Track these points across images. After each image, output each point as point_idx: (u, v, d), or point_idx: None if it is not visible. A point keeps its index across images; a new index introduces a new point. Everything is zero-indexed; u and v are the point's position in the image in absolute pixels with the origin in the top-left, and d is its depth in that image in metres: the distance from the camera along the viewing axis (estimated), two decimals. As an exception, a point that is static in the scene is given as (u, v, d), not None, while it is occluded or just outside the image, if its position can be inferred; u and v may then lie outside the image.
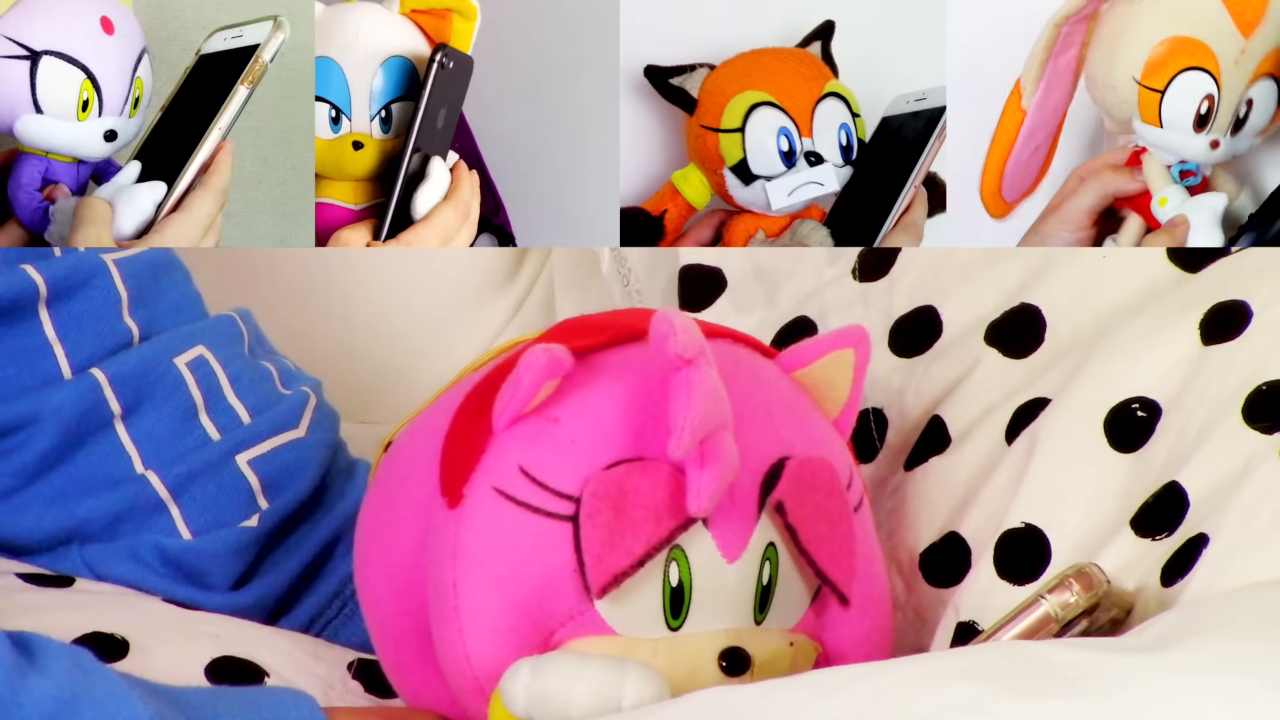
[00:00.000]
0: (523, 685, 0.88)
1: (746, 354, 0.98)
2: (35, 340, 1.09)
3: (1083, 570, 0.92)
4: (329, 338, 1.37)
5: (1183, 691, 0.75)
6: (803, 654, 0.95)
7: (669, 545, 0.91)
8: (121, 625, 1.01)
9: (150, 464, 1.10)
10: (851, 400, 1.01)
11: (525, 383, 0.91)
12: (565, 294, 1.36)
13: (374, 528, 0.97)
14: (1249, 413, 0.94)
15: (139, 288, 1.12)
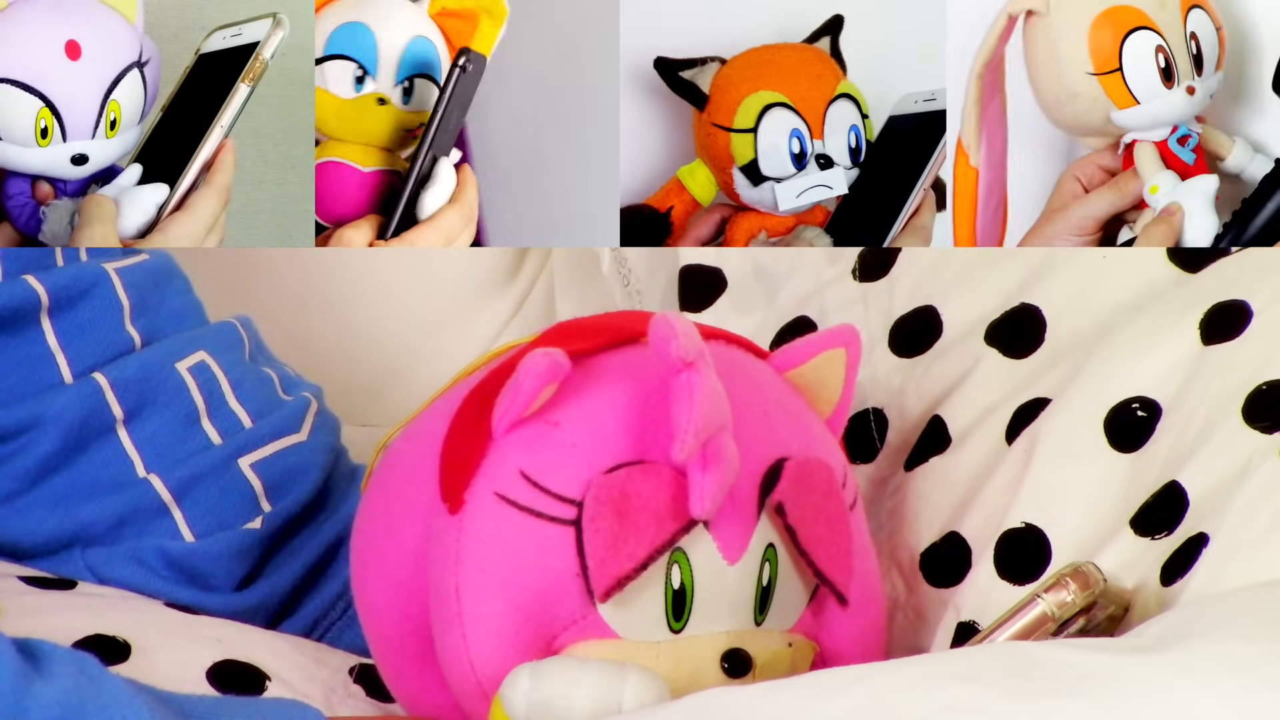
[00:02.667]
0: (523, 691, 0.88)
1: (740, 355, 0.99)
2: (37, 349, 1.09)
3: (1079, 569, 0.92)
4: (328, 340, 1.37)
5: (1183, 692, 0.75)
6: (801, 654, 0.95)
7: (671, 548, 0.91)
8: (123, 628, 1.01)
9: (152, 468, 1.10)
10: (844, 399, 1.01)
11: (525, 387, 0.91)
12: (565, 294, 1.36)
13: (371, 534, 0.97)
14: (1249, 413, 0.94)
15: (141, 297, 1.12)
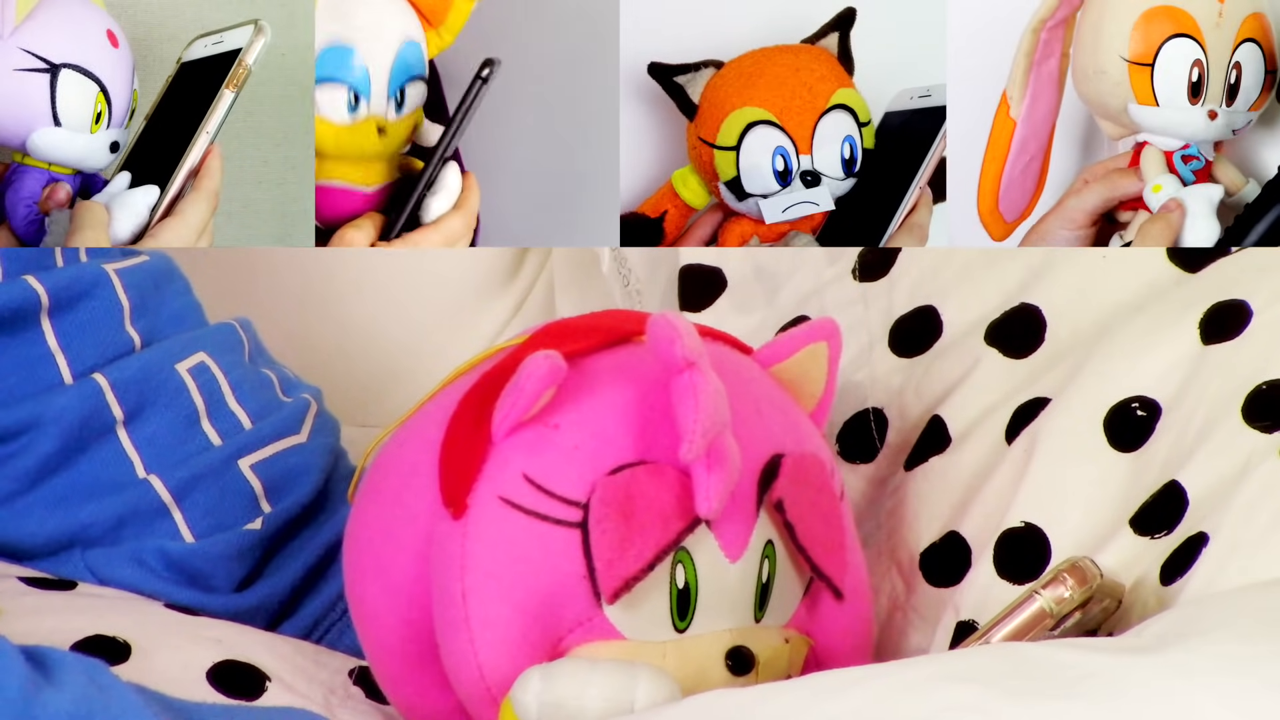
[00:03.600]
0: (534, 694, 0.88)
1: (729, 353, 0.99)
2: (37, 350, 1.09)
3: (1076, 565, 0.92)
4: (327, 340, 1.37)
5: (1183, 692, 0.75)
6: (796, 650, 0.96)
7: (676, 548, 0.91)
8: (123, 628, 1.01)
9: (152, 469, 1.10)
10: (826, 393, 1.01)
11: (526, 390, 0.91)
12: (565, 294, 1.36)
13: (368, 541, 0.97)
14: (1249, 412, 0.94)
15: (141, 298, 1.12)
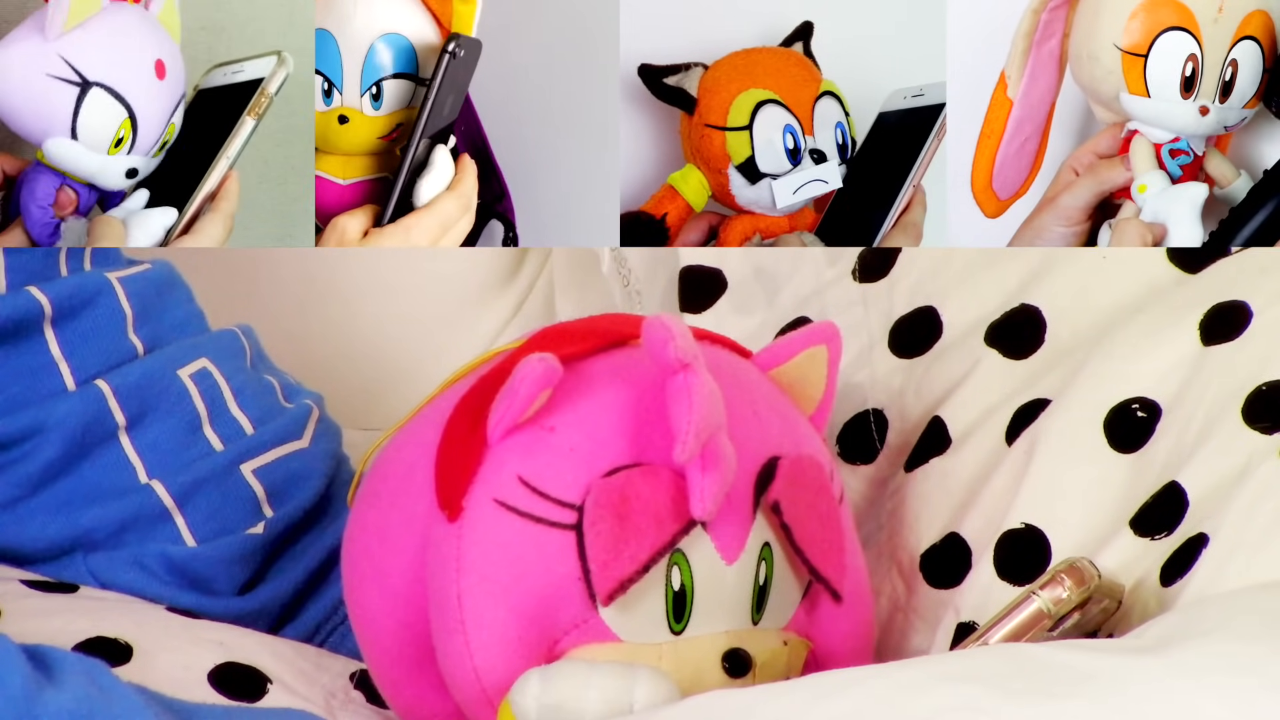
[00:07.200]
0: (533, 696, 0.88)
1: (726, 355, 0.99)
2: (40, 359, 1.09)
3: (1074, 565, 0.92)
4: (328, 341, 1.37)
5: (1183, 693, 0.75)
6: (795, 653, 0.96)
7: (671, 550, 0.91)
8: (125, 630, 1.01)
9: (155, 474, 1.10)
10: (826, 396, 1.01)
11: (521, 393, 0.91)
12: (565, 294, 1.36)
13: (366, 544, 0.97)
14: (1249, 413, 0.94)
15: (143, 306, 1.13)
